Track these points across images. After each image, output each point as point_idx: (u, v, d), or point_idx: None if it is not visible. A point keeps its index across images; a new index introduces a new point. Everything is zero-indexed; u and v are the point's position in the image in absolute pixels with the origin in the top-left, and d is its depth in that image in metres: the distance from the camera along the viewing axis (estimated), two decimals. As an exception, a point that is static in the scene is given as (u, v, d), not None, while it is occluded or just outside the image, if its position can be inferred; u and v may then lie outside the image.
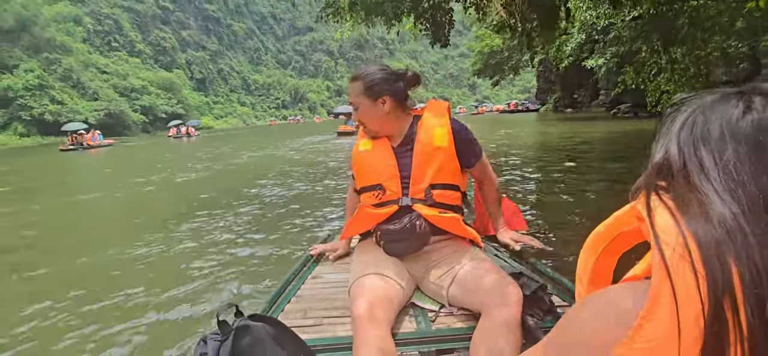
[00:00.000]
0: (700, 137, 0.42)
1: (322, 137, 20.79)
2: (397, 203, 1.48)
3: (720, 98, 0.44)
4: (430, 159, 1.48)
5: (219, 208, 5.78)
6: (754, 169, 0.38)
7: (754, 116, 0.40)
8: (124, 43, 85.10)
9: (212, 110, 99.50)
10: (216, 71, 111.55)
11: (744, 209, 0.37)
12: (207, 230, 4.69)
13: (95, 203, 7.29)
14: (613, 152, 9.16)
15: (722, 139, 0.40)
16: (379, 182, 1.51)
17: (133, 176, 10.48)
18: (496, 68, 43.55)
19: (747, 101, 0.41)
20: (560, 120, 20.87)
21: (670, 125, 0.46)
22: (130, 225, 5.44)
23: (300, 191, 6.60)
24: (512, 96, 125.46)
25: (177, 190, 7.98)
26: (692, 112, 0.44)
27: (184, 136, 35.74)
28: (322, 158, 11.59)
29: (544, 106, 39.04)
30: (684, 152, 0.42)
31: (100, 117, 49.54)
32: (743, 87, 0.44)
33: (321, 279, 1.71)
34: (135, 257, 3.95)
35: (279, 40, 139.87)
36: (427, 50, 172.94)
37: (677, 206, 0.40)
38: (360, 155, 1.59)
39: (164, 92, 71.19)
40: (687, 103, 0.46)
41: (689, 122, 0.44)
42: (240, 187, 7.25)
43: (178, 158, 14.99)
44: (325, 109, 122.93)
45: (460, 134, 1.52)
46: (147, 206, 6.50)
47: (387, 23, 6.92)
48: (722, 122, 0.41)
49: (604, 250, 0.49)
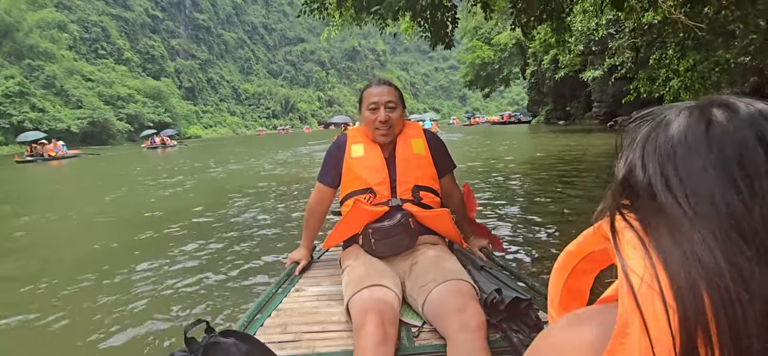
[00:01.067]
0: (665, 154, 0.40)
1: (308, 149, 19.92)
2: (387, 204, 1.56)
3: (680, 111, 0.42)
4: (411, 164, 1.62)
5: (179, 233, 5.09)
6: (722, 187, 0.36)
7: (717, 130, 0.39)
8: (111, 50, 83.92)
9: (201, 120, 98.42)
10: (205, 80, 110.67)
11: (715, 233, 0.35)
12: (172, 257, 3.98)
13: (34, 224, 6.20)
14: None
15: (687, 155, 0.39)
16: (369, 185, 1.59)
17: (87, 192, 9.51)
18: (487, 80, 43.55)
19: (708, 114, 0.40)
20: (556, 132, 20.42)
21: (632, 140, 0.44)
22: (78, 251, 4.70)
23: (276, 218, 5.52)
24: (502, 108, 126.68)
25: (132, 211, 6.83)
26: (654, 126, 0.43)
27: (160, 146, 33.78)
28: (307, 174, 10.43)
29: (536, 118, 38.89)
30: (648, 168, 0.41)
31: (83, 125, 48.26)
32: (701, 101, 0.43)
33: (304, 291, 1.68)
34: (79, 293, 3.25)
35: (270, 50, 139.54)
36: (418, 62, 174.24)
37: (644, 229, 0.39)
38: (352, 161, 1.64)
39: (151, 100, 70.10)
40: (647, 117, 0.45)
41: (652, 136, 0.42)
42: (208, 207, 6.38)
43: (146, 172, 13.84)
44: (316, 119, 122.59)
45: (434, 143, 1.71)
46: (94, 231, 5.66)
47: (380, 23, 6.29)
48: (686, 136, 0.40)
49: (576, 270, 0.48)
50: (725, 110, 0.40)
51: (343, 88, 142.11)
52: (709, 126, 0.39)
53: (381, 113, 1.60)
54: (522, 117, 44.43)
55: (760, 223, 0.35)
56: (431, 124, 29.22)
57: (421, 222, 1.56)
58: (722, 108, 0.40)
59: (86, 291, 3.32)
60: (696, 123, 0.40)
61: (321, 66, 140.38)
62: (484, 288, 1.34)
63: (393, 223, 1.48)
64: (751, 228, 0.35)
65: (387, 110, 1.61)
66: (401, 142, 1.66)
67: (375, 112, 1.62)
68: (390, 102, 1.62)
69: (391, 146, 1.66)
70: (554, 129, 24.20)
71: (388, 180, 1.59)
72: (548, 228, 4.35)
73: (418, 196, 1.58)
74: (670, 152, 0.40)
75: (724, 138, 0.38)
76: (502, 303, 1.27)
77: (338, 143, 1.75)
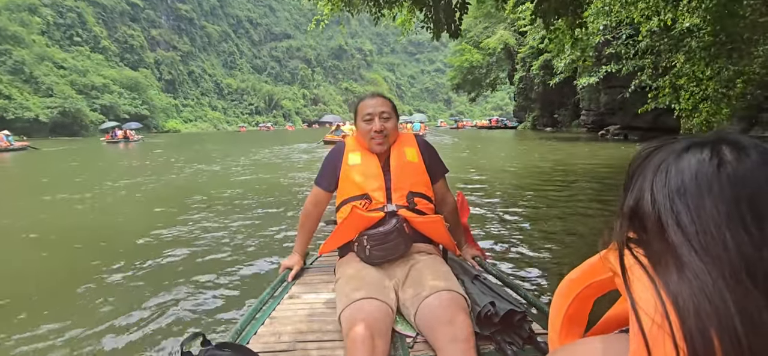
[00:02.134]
0: (675, 189, 0.40)
1: (288, 151, 17.80)
2: (383, 210, 1.58)
3: (690, 147, 0.42)
4: (406, 171, 1.66)
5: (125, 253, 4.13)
6: (733, 228, 0.37)
7: (728, 170, 0.39)
8: (87, 38, 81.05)
9: (181, 113, 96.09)
10: (186, 73, 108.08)
11: (724, 275, 0.35)
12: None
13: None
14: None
15: (699, 194, 0.39)
16: (365, 192, 1.61)
17: (21, 196, 8.01)
18: (474, 84, 43.23)
19: (718, 152, 0.40)
20: (548, 140, 19.74)
21: (641, 172, 0.44)
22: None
23: (240, 241, 4.25)
24: (486, 112, 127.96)
25: (59, 221, 5.56)
26: (664, 160, 0.43)
27: (122, 141, 31.33)
28: (286, 181, 8.57)
29: (522, 124, 38.69)
30: (658, 202, 0.41)
31: (53, 115, 45.93)
32: (709, 136, 0.43)
33: (298, 298, 1.68)
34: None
35: (255, 45, 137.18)
36: (405, 63, 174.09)
37: (653, 266, 0.39)
38: (349, 167, 1.67)
39: (128, 91, 67.67)
40: (656, 150, 0.45)
41: (662, 169, 0.42)
42: (155, 223, 5.07)
43: (101, 171, 12.19)
44: (301, 117, 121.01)
45: (426, 150, 1.75)
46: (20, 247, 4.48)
47: (375, 10, 5.48)
48: (697, 174, 0.40)
49: (578, 297, 0.49)
50: (735, 150, 0.40)
51: (328, 86, 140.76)
52: (721, 165, 0.39)
53: (376, 123, 1.64)
54: (508, 122, 44.27)
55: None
56: (420, 126, 28.61)
57: (416, 228, 1.60)
58: (732, 147, 0.40)
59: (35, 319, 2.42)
60: (707, 161, 0.40)
61: (307, 63, 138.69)
62: (478, 301, 1.36)
63: (388, 228, 1.50)
64: (762, 271, 0.35)
65: (382, 120, 1.65)
66: (395, 150, 1.70)
67: (370, 122, 1.65)
68: (384, 112, 1.66)
69: (386, 154, 1.70)
70: (544, 136, 23.68)
71: (384, 187, 1.62)
72: (546, 239, 4.23)
73: (412, 202, 1.61)
74: (681, 189, 0.40)
75: (735, 179, 0.38)
76: (496, 316, 1.29)
77: (337, 148, 1.76)
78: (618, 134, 16.45)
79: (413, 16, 5.98)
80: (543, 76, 27.38)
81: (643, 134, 15.67)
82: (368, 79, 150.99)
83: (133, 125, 37.17)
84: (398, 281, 1.47)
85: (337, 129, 21.67)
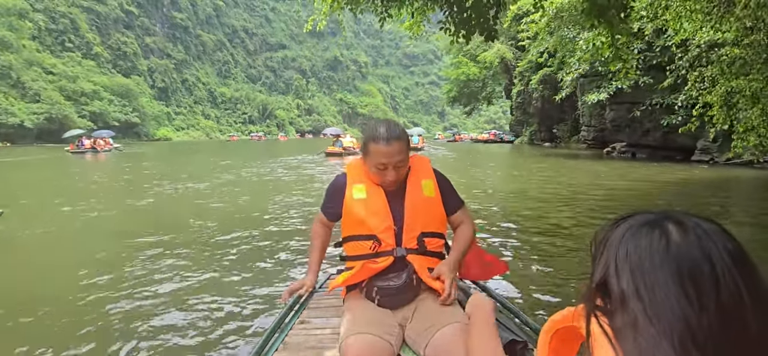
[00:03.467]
0: (634, 265, 0.46)
1: (274, 165, 15.60)
2: (393, 254, 1.50)
3: (644, 224, 0.49)
4: (421, 209, 1.54)
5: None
6: (680, 300, 0.42)
7: (673, 249, 0.45)
8: (79, 44, 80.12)
9: (173, 121, 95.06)
10: (180, 81, 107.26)
11: (674, 342, 0.40)
12: None
13: None
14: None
15: (652, 269, 0.45)
16: (373, 232, 1.51)
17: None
18: (470, 97, 42.90)
19: (666, 231, 0.47)
20: (550, 156, 19.03)
21: (606, 245, 0.50)
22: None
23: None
24: (480, 126, 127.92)
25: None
26: (624, 236, 0.49)
27: (89, 150, 27.89)
28: (267, 214, 6.35)
29: (519, 138, 38.26)
30: (621, 277, 0.47)
31: (39, 121, 44.80)
32: (660, 215, 0.49)
33: (309, 324, 1.68)
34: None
35: (250, 55, 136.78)
36: (399, 75, 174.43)
37: (616, 335, 0.45)
38: (354, 203, 1.55)
39: (119, 98, 66.64)
40: (617, 225, 0.51)
41: (623, 245, 0.48)
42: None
43: (44, 188, 10.46)
44: (294, 127, 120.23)
45: (444, 183, 1.63)
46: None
47: (381, 10, 4.77)
48: (650, 251, 0.46)
49: (559, 334, 0.55)
50: (679, 228, 0.46)
51: (323, 97, 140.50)
52: (668, 244, 0.45)
53: (391, 174, 1.50)
54: (504, 137, 43.85)
55: (708, 333, 0.40)
56: (418, 139, 27.97)
57: (422, 277, 1.51)
58: (676, 226, 0.47)
59: None
60: (658, 240, 0.46)
61: (301, 74, 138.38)
62: None
63: (399, 284, 1.45)
64: (703, 337, 0.40)
65: (396, 170, 1.51)
66: (411, 182, 1.56)
67: (384, 171, 1.50)
68: (400, 160, 1.50)
69: (401, 186, 1.57)
70: (546, 151, 23.03)
71: (393, 227, 1.51)
72: (549, 263, 3.99)
73: (423, 244, 1.52)
74: (638, 265, 0.46)
75: (679, 256, 0.44)
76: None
77: (337, 183, 1.65)
78: (625, 152, 15.82)
79: (424, 17, 5.28)
80: (542, 90, 26.97)
81: (652, 153, 15.04)
82: (363, 91, 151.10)
83: (105, 133, 32.94)
84: (405, 317, 1.44)
85: (337, 140, 21.72)
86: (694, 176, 11.06)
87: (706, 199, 8.07)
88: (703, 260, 0.44)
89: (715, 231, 0.46)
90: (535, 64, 26.98)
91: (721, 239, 0.45)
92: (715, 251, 0.44)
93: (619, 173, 11.48)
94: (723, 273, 0.43)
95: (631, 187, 9.32)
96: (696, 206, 6.99)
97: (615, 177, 10.81)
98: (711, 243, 0.45)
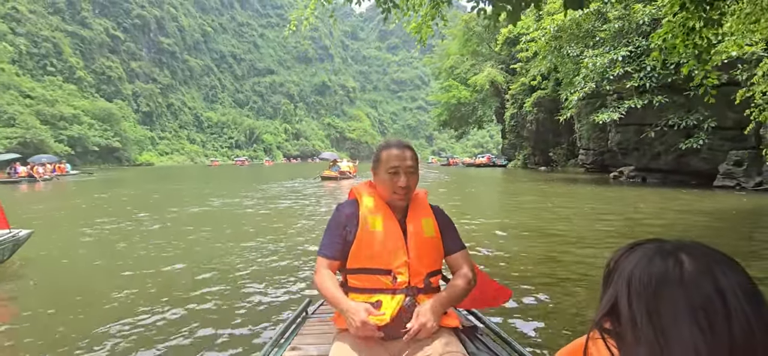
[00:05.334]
0: (649, 291, 0.48)
1: (254, 197, 12.93)
2: (406, 293, 1.48)
3: (657, 252, 0.50)
4: (423, 250, 1.52)
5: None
6: (693, 328, 0.44)
7: (686, 278, 0.47)
8: (62, 68, 78.84)
9: (157, 146, 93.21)
10: (165, 105, 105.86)
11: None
12: None
13: None
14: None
15: (665, 297, 0.46)
16: (390, 268, 1.48)
17: None
18: (461, 120, 42.36)
19: (678, 260, 0.48)
20: (555, 181, 17.91)
21: (618, 270, 0.52)
22: None
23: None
24: (467, 150, 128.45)
25: None
26: (637, 263, 0.50)
27: (24, 179, 23.56)
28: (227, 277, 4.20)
29: (512, 162, 37.59)
30: (633, 303, 0.48)
31: (11, 145, 42.70)
32: (671, 244, 0.51)
33: (300, 350, 1.68)
34: None
35: (238, 80, 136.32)
36: (387, 100, 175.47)
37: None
38: (370, 234, 1.50)
39: (100, 122, 64.82)
40: (631, 251, 0.52)
41: (636, 271, 0.50)
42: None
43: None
44: (282, 151, 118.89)
45: (442, 219, 1.60)
46: None
47: (383, 2, 3.75)
48: (664, 279, 0.47)
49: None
50: (692, 259, 0.48)
51: (310, 121, 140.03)
52: (682, 273, 0.47)
53: (402, 179, 1.52)
54: (497, 161, 43.19)
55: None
56: (349, 166, 26.82)
57: None
58: (690, 257, 0.48)
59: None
60: (672, 268, 0.48)
61: (289, 98, 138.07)
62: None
63: (405, 313, 1.44)
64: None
65: (408, 175, 1.53)
66: (412, 221, 1.54)
67: (395, 176, 1.52)
68: (411, 167, 1.54)
69: (402, 211, 1.56)
70: (546, 177, 21.91)
71: (408, 264, 1.49)
72: (546, 292, 3.65)
73: (429, 284, 1.52)
74: (653, 292, 0.47)
75: (693, 286, 0.46)
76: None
77: (346, 212, 1.55)
78: (634, 177, 14.95)
79: (438, 13, 4.26)
80: (537, 113, 26.37)
81: (665, 177, 14.19)
82: (351, 115, 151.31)
83: (44, 158, 28.36)
84: (401, 349, 1.43)
85: (334, 165, 21.67)
86: (742, 204, 9.44)
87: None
88: (715, 294, 0.45)
89: (728, 264, 0.47)
90: (529, 86, 26.48)
91: (733, 273, 0.46)
92: (728, 285, 0.45)
93: (655, 203, 9.91)
94: (735, 307, 0.44)
95: (680, 222, 7.69)
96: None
97: (653, 208, 9.25)
98: (723, 277, 0.46)
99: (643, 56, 11.38)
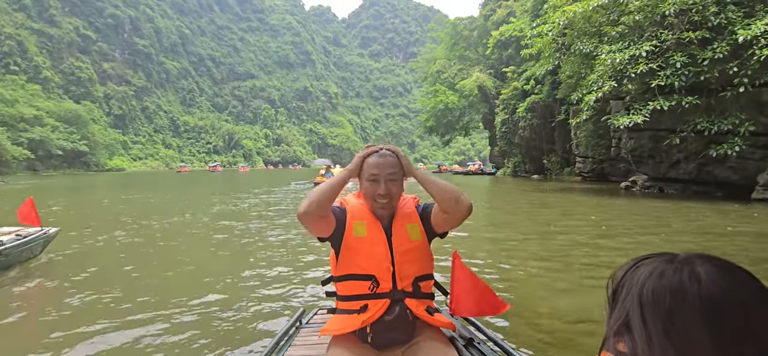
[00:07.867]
0: (665, 306, 0.46)
1: (212, 215, 11.68)
2: (390, 297, 1.48)
3: (668, 266, 0.48)
4: (409, 256, 1.52)
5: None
6: (713, 346, 0.42)
7: (704, 292, 0.45)
8: (26, 67, 74.90)
9: (130, 151, 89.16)
10: (139, 109, 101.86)
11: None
12: None
13: None
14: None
15: (683, 312, 0.45)
16: (372, 274, 1.49)
17: None
18: (447, 126, 41.09)
19: (694, 273, 0.46)
20: (561, 191, 16.56)
21: (627, 287, 0.50)
22: None
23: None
24: (449, 157, 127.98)
25: None
26: (649, 277, 0.48)
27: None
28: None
29: (501, 170, 36.37)
30: (648, 318, 0.46)
31: (-40, 148, 39.14)
32: (682, 256, 0.49)
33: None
34: None
35: (217, 84, 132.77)
36: (369, 107, 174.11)
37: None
38: (354, 240, 1.52)
39: (65, 125, 60.99)
40: (638, 265, 0.50)
41: (648, 286, 0.47)
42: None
43: None
44: (263, 157, 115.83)
45: (424, 215, 1.58)
46: None
47: None
48: (681, 293, 0.45)
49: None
50: (708, 272, 0.46)
51: (292, 127, 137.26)
52: (700, 287, 0.45)
53: (381, 187, 1.51)
54: (485, 169, 41.99)
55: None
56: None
57: (420, 316, 1.51)
58: (705, 269, 0.46)
59: None
60: (687, 282, 0.46)
61: (270, 104, 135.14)
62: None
63: (393, 317, 1.45)
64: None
65: (388, 183, 1.51)
66: (397, 227, 1.53)
67: (375, 184, 1.52)
68: (391, 174, 1.52)
69: (388, 219, 1.55)
70: (542, 186, 20.48)
71: (391, 269, 1.50)
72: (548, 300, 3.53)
73: (418, 289, 1.51)
74: (669, 307, 0.45)
75: (711, 299, 0.44)
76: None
77: (337, 212, 1.56)
78: (650, 187, 13.62)
79: None
80: (531, 119, 25.14)
81: (685, 188, 12.92)
82: (333, 122, 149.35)
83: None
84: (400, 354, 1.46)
85: (327, 171, 21.97)
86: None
87: None
88: (736, 307, 0.44)
89: (745, 275, 0.46)
90: (522, 90, 25.26)
91: (751, 285, 0.45)
92: (747, 298, 0.44)
93: (691, 220, 8.89)
94: (756, 321, 0.43)
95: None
96: None
97: (695, 225, 7.71)
98: (742, 289, 0.45)
99: (669, 52, 10.03)
